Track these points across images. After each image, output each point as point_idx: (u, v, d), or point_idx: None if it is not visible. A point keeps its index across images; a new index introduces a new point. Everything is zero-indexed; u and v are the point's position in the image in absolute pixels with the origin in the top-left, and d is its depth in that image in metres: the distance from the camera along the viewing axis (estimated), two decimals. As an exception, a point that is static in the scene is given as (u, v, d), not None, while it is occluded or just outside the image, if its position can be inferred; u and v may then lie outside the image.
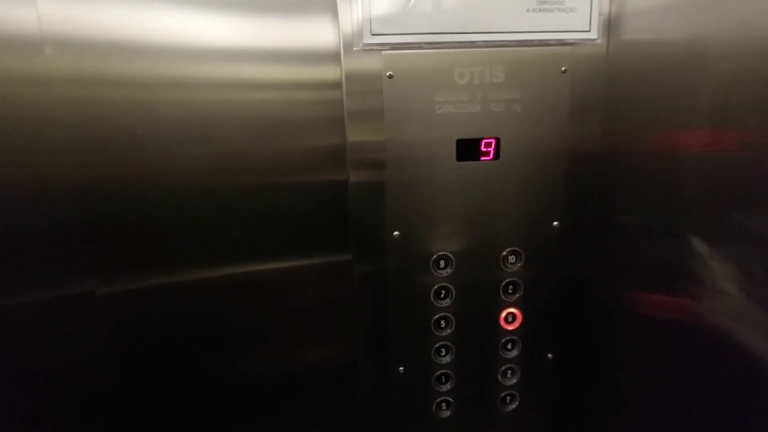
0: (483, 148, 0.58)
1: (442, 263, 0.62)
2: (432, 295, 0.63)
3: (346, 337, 0.65)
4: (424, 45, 0.54)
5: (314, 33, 0.54)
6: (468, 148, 0.57)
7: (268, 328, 0.62)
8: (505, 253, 0.62)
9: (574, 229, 0.62)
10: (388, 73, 0.54)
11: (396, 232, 0.60)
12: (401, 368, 0.65)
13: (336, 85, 0.55)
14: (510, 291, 0.64)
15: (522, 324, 0.65)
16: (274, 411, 0.66)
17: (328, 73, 0.55)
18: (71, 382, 0.57)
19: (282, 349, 0.64)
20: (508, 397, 0.68)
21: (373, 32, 0.52)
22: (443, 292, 0.63)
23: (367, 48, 0.53)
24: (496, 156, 0.58)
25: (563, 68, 0.57)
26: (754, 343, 0.41)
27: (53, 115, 0.50)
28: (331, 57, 0.54)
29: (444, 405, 0.68)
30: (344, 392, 0.67)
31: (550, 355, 0.67)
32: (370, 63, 0.54)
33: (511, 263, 0.63)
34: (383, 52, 0.54)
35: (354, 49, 0.53)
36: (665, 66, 0.52)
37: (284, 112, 0.55)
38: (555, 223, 0.62)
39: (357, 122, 0.56)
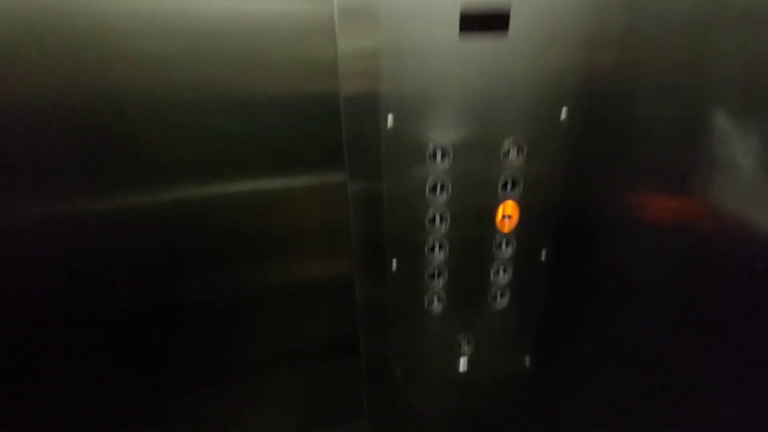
0: (491, 17, 0.51)
1: (438, 155, 0.58)
2: (427, 190, 0.60)
3: (343, 246, 0.63)
4: None
5: None
6: (473, 17, 0.50)
7: (266, 241, 0.61)
8: (506, 145, 0.58)
9: (583, 121, 0.58)
10: None
11: (390, 122, 0.55)
12: (395, 264, 0.65)
13: None
14: (509, 187, 0.61)
15: (519, 222, 0.63)
16: (272, 325, 0.66)
17: None
18: (69, 299, 0.57)
19: (279, 263, 0.63)
20: (500, 293, 0.69)
21: None
22: (439, 186, 0.60)
23: None
24: (505, 27, 0.51)
25: None
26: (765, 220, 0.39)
27: (30, 26, 0.45)
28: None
29: (436, 299, 0.68)
30: (343, 302, 0.67)
31: (544, 254, 0.67)
32: None
33: (513, 157, 0.59)
34: None
35: None
36: None
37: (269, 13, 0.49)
38: (563, 111, 0.57)
39: (349, 19, 0.49)
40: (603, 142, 0.59)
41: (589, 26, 0.53)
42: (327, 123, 0.55)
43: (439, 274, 0.66)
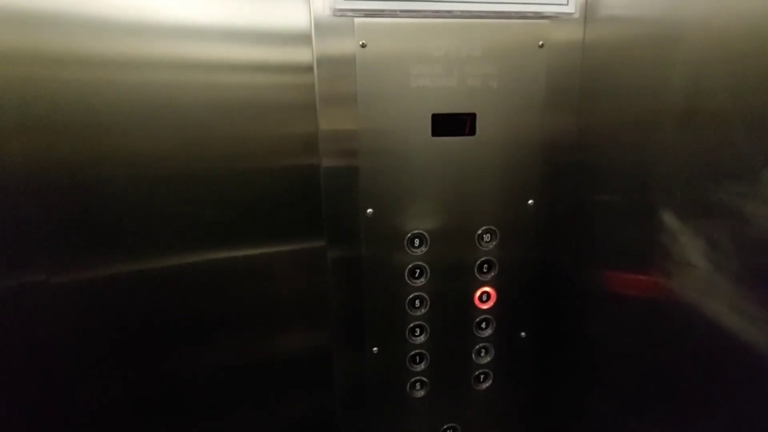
0: (459, 124, 0.56)
1: (416, 242, 0.60)
2: (406, 275, 0.62)
3: (321, 323, 0.63)
4: (399, 13, 0.51)
5: (283, 7, 0.50)
6: (443, 124, 0.56)
7: (240, 316, 0.60)
8: (480, 232, 0.61)
9: (550, 207, 0.62)
10: (360, 42, 0.52)
11: (369, 210, 0.58)
12: (375, 349, 0.65)
13: (307, 67, 0.52)
14: (485, 270, 0.63)
15: (496, 303, 0.65)
16: (248, 399, 0.64)
17: (299, 53, 0.52)
18: (24, 376, 0.54)
19: (256, 337, 0.62)
20: (482, 376, 0.69)
21: (345, -3, 0.50)
22: (418, 271, 0.62)
23: (338, 14, 0.50)
24: (472, 132, 0.57)
25: (540, 42, 0.55)
26: (722, 315, 0.42)
27: (12, 93, 0.45)
28: (303, 37, 0.51)
29: (418, 385, 0.67)
30: (319, 378, 0.65)
31: (523, 334, 0.68)
32: (342, 41, 0.51)
33: (486, 242, 0.62)
34: (356, 19, 0.51)
35: (325, 15, 0.50)
36: (642, 41, 0.52)
37: (251, 94, 0.52)
38: (530, 201, 0.61)
39: (329, 103, 0.54)
40: (569, 224, 0.63)
41: (548, 125, 0.59)
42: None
43: (420, 357, 0.66)
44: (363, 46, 0.52)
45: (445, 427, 0.70)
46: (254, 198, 0.56)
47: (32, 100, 0.46)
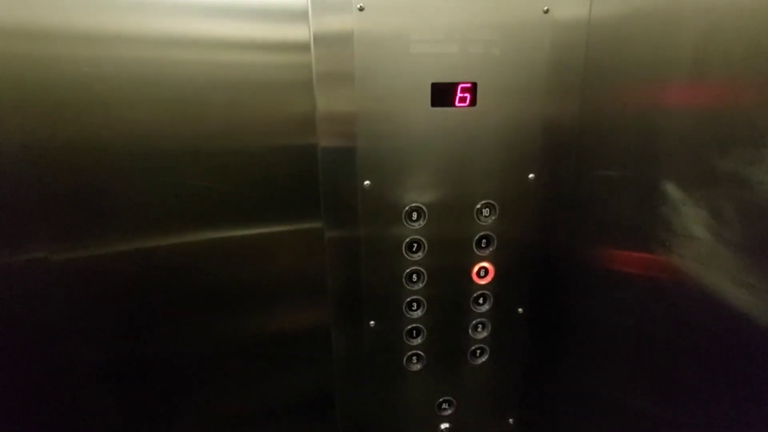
0: (459, 93, 0.55)
1: (414, 215, 0.60)
2: (404, 249, 0.61)
3: (319, 297, 0.63)
4: (398, -26, 0.49)
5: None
6: (443, 93, 0.54)
7: (238, 293, 0.60)
8: (479, 206, 0.60)
9: (551, 181, 0.61)
10: (359, 6, 0.50)
11: (367, 182, 0.57)
12: (372, 322, 0.64)
13: (305, 41, 0.51)
14: (483, 245, 0.63)
15: (494, 278, 0.65)
16: (248, 374, 0.64)
17: (296, 30, 0.50)
18: (24, 353, 0.54)
19: (255, 313, 0.62)
20: (479, 351, 0.69)
21: (342, -43, 0.48)
22: (415, 245, 0.61)
23: (335, -25, 0.48)
24: (473, 102, 0.55)
25: (545, 8, 0.53)
26: (723, 288, 0.41)
27: (6, 73, 0.45)
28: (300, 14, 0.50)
29: (415, 358, 0.67)
30: (317, 352, 0.66)
31: (521, 310, 0.68)
32: (340, 15, 0.50)
33: (485, 216, 0.61)
34: (353, -19, 0.49)
35: (321, -24, 0.48)
36: (648, 12, 0.49)
37: (248, 72, 0.51)
38: (531, 175, 0.60)
39: (327, 76, 0.52)
40: (570, 200, 0.62)
41: (551, 96, 0.57)
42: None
43: (417, 332, 0.66)
44: (361, 9, 0.50)
45: (440, 400, 0.71)
46: (252, 177, 0.55)
47: (31, 77, 0.46)
